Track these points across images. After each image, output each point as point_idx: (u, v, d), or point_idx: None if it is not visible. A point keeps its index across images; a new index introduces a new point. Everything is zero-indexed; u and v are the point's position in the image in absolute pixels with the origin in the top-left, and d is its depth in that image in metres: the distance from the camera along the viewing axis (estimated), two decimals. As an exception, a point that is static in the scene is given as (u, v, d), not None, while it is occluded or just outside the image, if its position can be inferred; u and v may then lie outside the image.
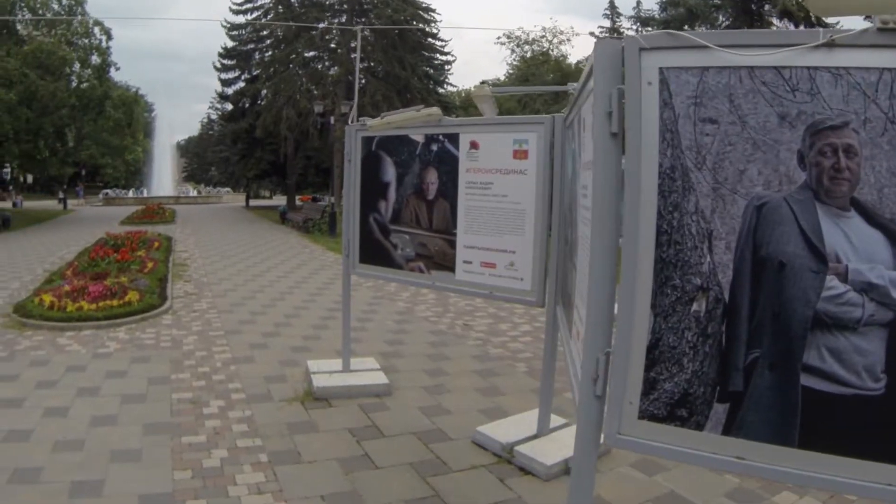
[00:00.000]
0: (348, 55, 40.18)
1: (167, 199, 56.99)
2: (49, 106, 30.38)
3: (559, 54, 55.15)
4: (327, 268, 17.38)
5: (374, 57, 40.35)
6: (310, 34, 40.53)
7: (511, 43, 54.42)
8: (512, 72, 58.16)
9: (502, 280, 5.94)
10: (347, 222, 7.32)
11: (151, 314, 10.79)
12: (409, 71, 41.93)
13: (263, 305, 12.15)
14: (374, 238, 7.06)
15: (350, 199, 7.25)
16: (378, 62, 40.27)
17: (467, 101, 61.90)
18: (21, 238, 24.83)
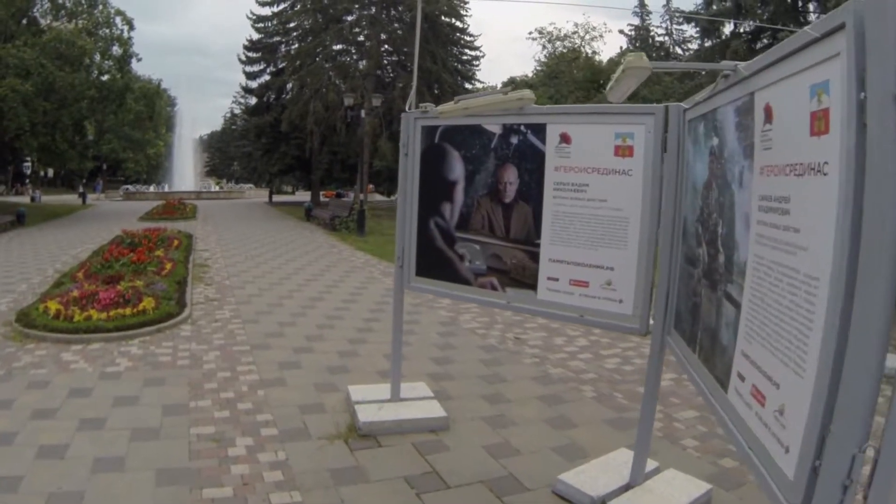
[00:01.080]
0: (378, 48, 39.28)
1: (188, 194, 56.32)
2: (67, 98, 29.70)
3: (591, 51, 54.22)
4: (358, 270, 16.34)
5: (406, 49, 39.26)
6: (338, 26, 39.60)
7: (542, 38, 53.47)
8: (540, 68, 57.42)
9: (596, 302, 4.96)
10: (402, 227, 6.21)
11: (168, 324, 9.77)
12: (439, 65, 40.95)
13: (292, 314, 11.10)
14: (435, 247, 5.96)
15: (406, 199, 6.13)
16: (409, 55, 39.17)
17: None
18: (35, 234, 24.07)
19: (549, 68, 52.95)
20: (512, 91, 4.98)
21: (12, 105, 26.36)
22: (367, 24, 39.85)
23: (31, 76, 27.21)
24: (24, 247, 20.24)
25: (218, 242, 21.60)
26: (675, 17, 47.48)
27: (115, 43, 33.80)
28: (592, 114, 5.14)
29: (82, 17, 32.97)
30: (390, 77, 41.75)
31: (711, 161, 3.59)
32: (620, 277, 4.81)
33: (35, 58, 27.41)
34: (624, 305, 4.82)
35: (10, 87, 25.74)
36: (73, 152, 37.36)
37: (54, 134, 30.99)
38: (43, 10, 32.99)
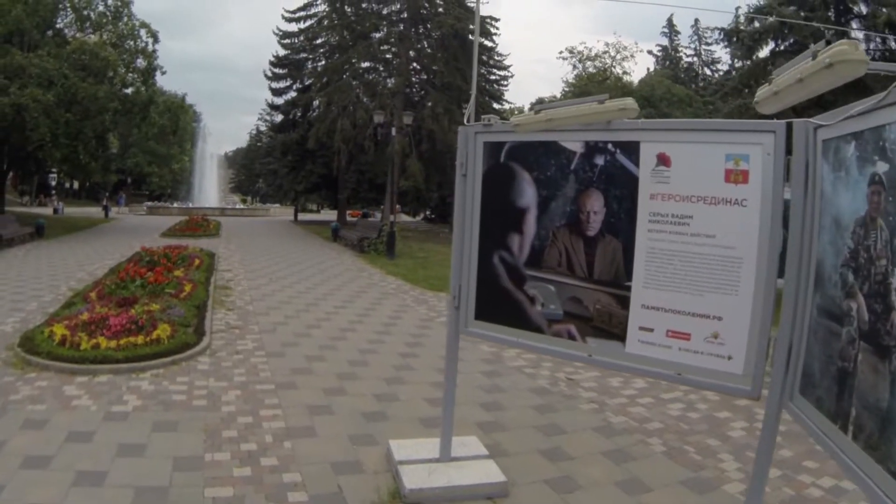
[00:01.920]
0: (407, 65, 38.69)
1: (212, 210, 55.97)
2: (90, 109, 29.34)
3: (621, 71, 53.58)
4: (390, 297, 15.44)
5: (435, 67, 38.66)
6: (365, 43, 39.12)
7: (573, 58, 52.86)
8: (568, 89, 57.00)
9: (699, 358, 4.11)
10: (459, 261, 5.29)
11: (184, 356, 8.93)
12: (470, 83, 40.20)
13: (321, 346, 10.21)
14: (499, 286, 5.05)
15: (465, 229, 5.22)
16: (439, 72, 38.54)
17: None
18: (53, 248, 23.48)
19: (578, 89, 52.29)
20: (611, 99, 4.07)
21: (34, 115, 25.95)
22: (396, 41, 39.27)
23: (53, 86, 26.89)
24: (40, 261, 19.58)
25: (241, 263, 20.81)
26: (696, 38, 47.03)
27: (139, 55, 33.53)
28: (698, 130, 4.24)
29: (107, 28, 32.71)
30: (419, 95, 41.12)
31: (875, 193, 2.70)
32: (730, 329, 3.98)
33: (58, 68, 27.11)
34: (733, 363, 3.99)
35: (31, 97, 25.36)
36: (96, 165, 37.03)
37: (76, 145, 30.64)
38: (67, 21, 32.84)
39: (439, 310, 14.03)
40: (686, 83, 49.89)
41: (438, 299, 15.42)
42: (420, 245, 31.05)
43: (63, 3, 31.49)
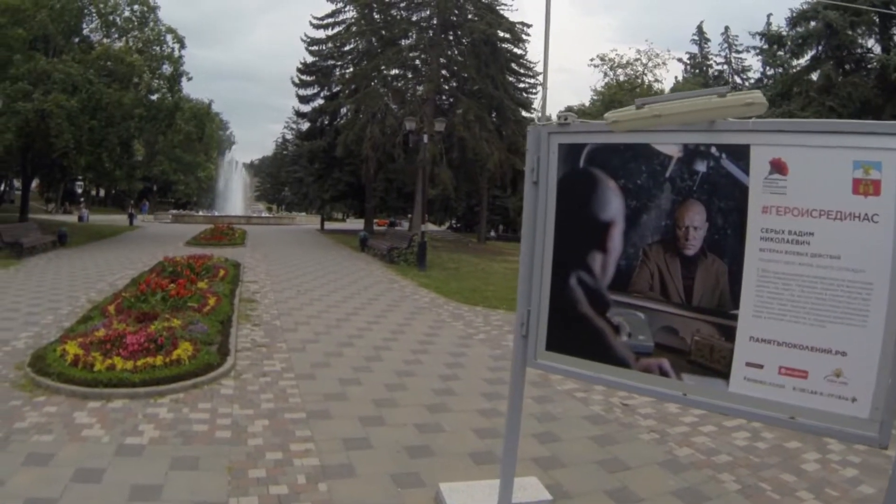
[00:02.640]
0: (437, 71, 38.07)
1: (238, 218, 55.65)
2: (115, 115, 29.18)
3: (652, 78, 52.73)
4: (424, 311, 14.73)
5: (466, 74, 38.03)
6: (394, 49, 38.59)
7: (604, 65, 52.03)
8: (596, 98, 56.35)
9: (817, 399, 3.42)
10: (528, 281, 4.53)
11: (207, 378, 8.26)
12: (501, 90, 39.57)
13: (355, 368, 9.50)
14: (577, 312, 4.29)
15: (536, 245, 4.45)
16: (470, 79, 37.90)
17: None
18: (75, 256, 23.08)
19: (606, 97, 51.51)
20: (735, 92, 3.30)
21: (57, 121, 25.66)
22: (426, 47, 38.68)
23: (77, 92, 26.62)
24: (61, 270, 19.14)
25: (267, 273, 20.20)
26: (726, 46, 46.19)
27: (165, 61, 33.19)
28: (820, 132, 3.45)
29: (133, 34, 32.46)
30: (449, 102, 40.47)
31: None
32: (855, 366, 3.29)
33: (82, 73, 26.82)
34: (857, 406, 3.29)
35: (55, 103, 25.09)
36: (121, 172, 36.84)
37: (100, 152, 30.51)
38: (93, 27, 32.66)
39: (477, 325, 13.32)
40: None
41: (475, 314, 14.70)
42: (450, 255, 30.34)
43: (89, 8, 31.27)
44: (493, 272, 24.50)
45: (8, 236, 21.81)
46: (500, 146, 38.82)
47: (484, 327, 13.16)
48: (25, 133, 27.08)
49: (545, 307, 4.45)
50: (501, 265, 27.79)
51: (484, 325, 13.46)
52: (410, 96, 39.72)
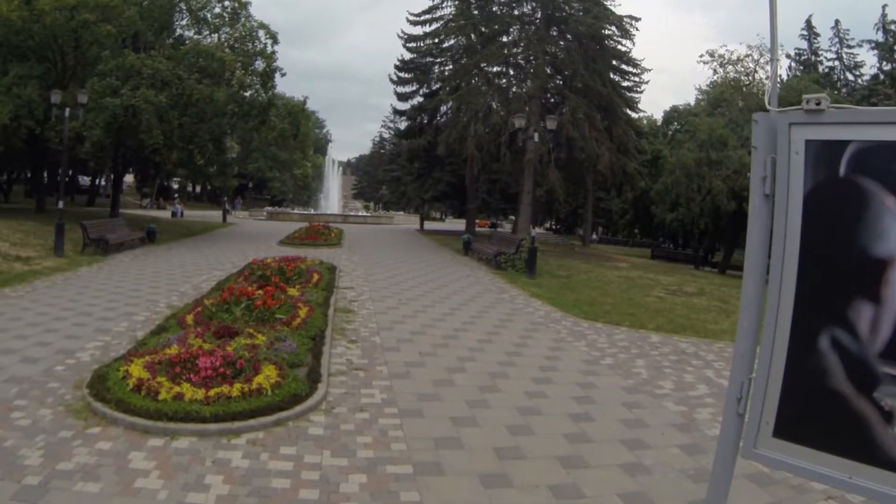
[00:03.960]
0: (542, 67, 36.48)
1: (334, 217, 55.24)
2: (206, 112, 29.08)
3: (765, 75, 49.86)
4: (540, 328, 13.29)
5: (573, 70, 36.34)
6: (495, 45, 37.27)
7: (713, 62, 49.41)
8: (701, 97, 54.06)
9: None
10: (752, 337, 3.03)
11: (292, 413, 7.05)
12: (609, 87, 37.72)
13: (469, 402, 8.14)
14: (827, 387, 2.73)
15: (771, 285, 2.90)
16: (578, 76, 36.18)
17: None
18: (162, 255, 22.68)
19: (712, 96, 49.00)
20: None
21: (146, 116, 25.61)
22: (534, 42, 37.14)
23: (167, 88, 26.56)
24: (145, 269, 18.61)
25: (366, 278, 19.11)
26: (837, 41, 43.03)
27: (258, 57, 32.83)
28: None
29: (224, 30, 32.27)
30: (554, 100, 38.80)
31: None
32: None
33: (171, 69, 26.65)
34: None
35: (143, 98, 24.98)
36: (214, 169, 36.76)
37: (192, 149, 30.65)
38: (184, 24, 32.73)
39: (601, 346, 11.83)
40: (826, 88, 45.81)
41: (596, 331, 13.20)
42: (558, 261, 28.71)
43: (179, 5, 31.26)
44: (608, 281, 22.83)
45: (94, 232, 21.51)
46: (610, 146, 37.07)
47: (609, 349, 11.66)
48: (114, 129, 27.04)
49: (777, 377, 2.92)
50: (614, 273, 26.04)
51: (608, 345, 11.97)
52: (514, 94, 38.26)
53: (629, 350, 11.64)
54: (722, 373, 10.31)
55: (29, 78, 25.29)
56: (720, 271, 39.30)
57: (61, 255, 19.36)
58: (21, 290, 14.23)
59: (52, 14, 24.69)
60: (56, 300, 13.17)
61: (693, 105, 57.18)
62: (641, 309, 16.47)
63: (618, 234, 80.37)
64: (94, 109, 24.73)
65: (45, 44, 27.29)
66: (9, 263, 17.04)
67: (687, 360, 11.16)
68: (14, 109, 24.56)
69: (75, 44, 27.83)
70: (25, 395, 7.53)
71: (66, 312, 12.00)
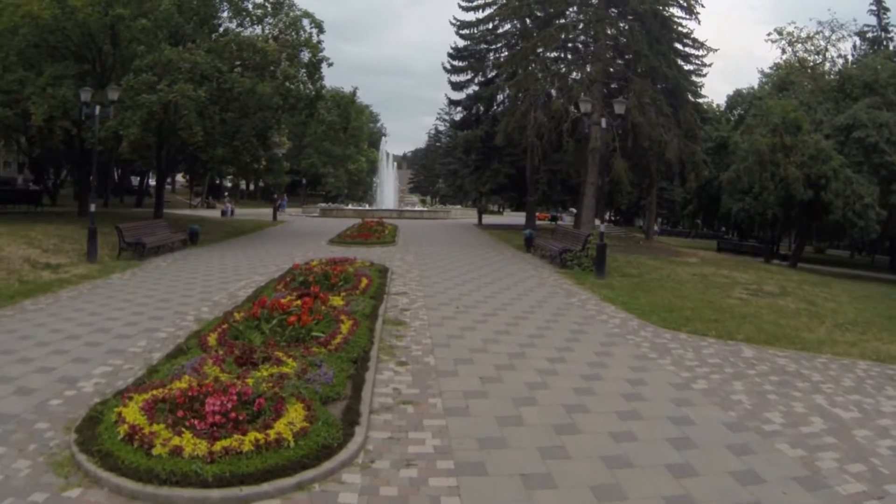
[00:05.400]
0: (604, 49, 34.68)
1: (389, 212, 54.07)
2: (249, 106, 28.23)
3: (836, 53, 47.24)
4: (618, 341, 11.71)
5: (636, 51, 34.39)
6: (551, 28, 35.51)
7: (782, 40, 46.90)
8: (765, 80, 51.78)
9: None
10: None
11: (320, 472, 5.69)
12: (675, 70, 35.66)
13: (543, 450, 6.66)
14: None
15: None
16: (643, 57, 34.19)
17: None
18: (202, 258, 21.73)
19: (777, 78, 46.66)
20: None
21: (184, 112, 24.75)
22: (593, 22, 35.26)
23: (206, 82, 25.77)
24: (180, 275, 17.63)
25: (420, 282, 17.74)
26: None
27: (303, 48, 31.75)
28: None
29: (267, 21, 31.31)
30: (616, 85, 36.81)
31: None
32: None
33: (210, 62, 25.70)
34: None
35: (180, 93, 24.01)
36: (261, 165, 35.99)
37: (236, 145, 29.70)
38: (224, 16, 31.81)
39: (689, 364, 10.22)
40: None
41: (681, 344, 11.58)
42: (625, 257, 26.88)
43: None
44: (681, 280, 21.07)
45: (130, 236, 20.60)
46: (678, 132, 35.06)
47: (700, 368, 10.04)
48: (152, 127, 26.40)
49: None
50: (686, 270, 24.21)
51: (698, 363, 10.34)
52: (573, 81, 36.46)
53: (722, 369, 10.03)
54: (834, 399, 8.75)
55: (64, 78, 24.61)
56: (791, 265, 36.97)
57: (94, 262, 18.46)
58: (42, 301, 13.29)
59: (84, 10, 23.87)
60: (76, 314, 12.14)
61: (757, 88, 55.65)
62: (725, 314, 14.77)
63: (678, 225, 78.19)
64: (130, 107, 23.94)
65: (82, 43, 26.71)
66: (36, 272, 16.16)
67: (790, 382, 9.48)
68: (49, 110, 23.93)
69: (112, 41, 27.15)
70: (6, 439, 6.44)
71: (83, 329, 10.93)
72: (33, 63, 25.55)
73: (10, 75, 24.69)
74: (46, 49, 25.97)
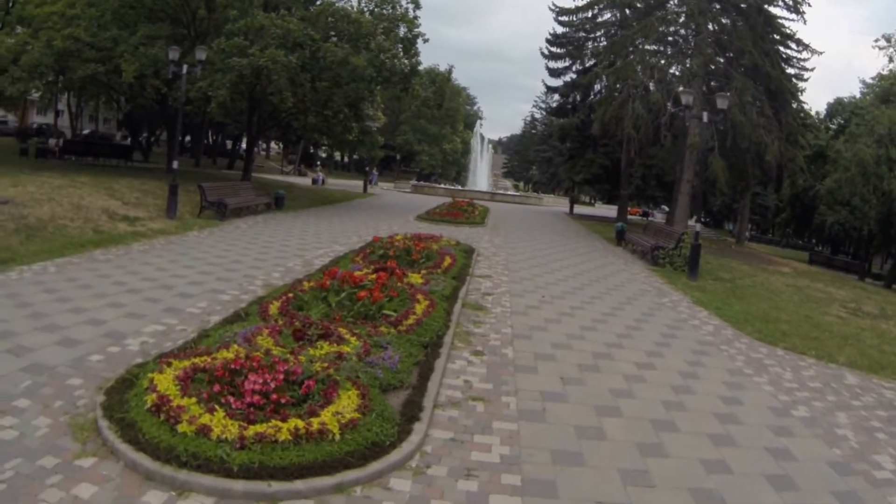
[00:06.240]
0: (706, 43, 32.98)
1: (481, 194, 53.35)
2: (342, 76, 27.87)
3: None
4: (710, 350, 10.55)
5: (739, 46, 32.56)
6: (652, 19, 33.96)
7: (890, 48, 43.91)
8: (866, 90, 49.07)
9: None
10: None
11: (364, 474, 4.91)
12: (778, 70, 33.70)
13: (623, 472, 5.72)
14: None
15: None
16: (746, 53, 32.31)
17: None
18: (284, 223, 21.37)
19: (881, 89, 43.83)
20: None
21: (274, 78, 24.69)
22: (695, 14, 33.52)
23: (298, 49, 25.60)
24: (258, 237, 17.27)
25: (506, 266, 16.85)
26: None
27: (400, 23, 31.26)
28: None
29: (363, -8, 31.11)
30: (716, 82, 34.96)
31: None
32: None
33: (302, 30, 25.58)
34: None
35: (271, 59, 23.85)
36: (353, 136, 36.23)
37: (327, 114, 29.91)
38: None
39: (787, 386, 8.89)
40: None
41: (777, 361, 10.24)
42: (718, 260, 25.39)
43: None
44: (776, 290, 19.57)
45: (213, 195, 20.38)
46: (779, 135, 33.13)
47: (799, 392, 8.72)
48: (242, 90, 26.44)
49: None
50: (780, 280, 22.62)
51: (797, 385, 9.02)
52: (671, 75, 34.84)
53: (824, 395, 8.70)
54: (952, 442, 7.41)
55: (157, 38, 24.81)
56: (886, 285, 34.61)
57: (173, 218, 18.23)
58: (113, 252, 12.99)
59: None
60: (142, 268, 11.73)
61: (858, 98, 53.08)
62: (825, 333, 13.25)
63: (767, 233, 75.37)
64: (220, 70, 23.99)
65: (178, 6, 26.94)
66: (113, 223, 15.95)
67: (900, 418, 8.25)
68: (139, 68, 24.15)
69: (208, 6, 27.28)
70: (34, 393, 5.93)
71: (145, 284, 10.49)
72: (128, 23, 25.84)
73: (104, 33, 24.90)
74: (142, 10, 26.28)
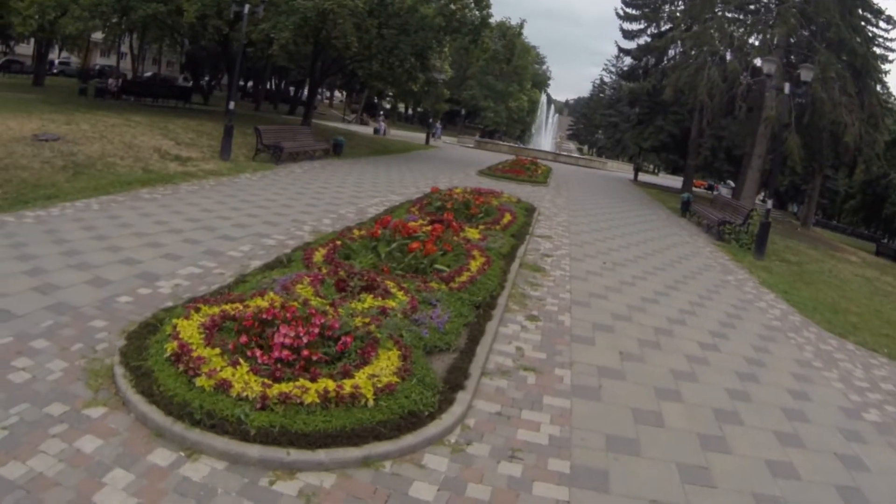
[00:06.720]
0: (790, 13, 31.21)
1: (545, 154, 52.61)
2: (409, 24, 27.41)
3: None
4: (777, 336, 9.73)
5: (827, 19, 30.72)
6: None
7: None
8: None
9: None
10: None
11: (396, 447, 4.41)
12: (864, 47, 31.69)
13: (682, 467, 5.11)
14: None
15: None
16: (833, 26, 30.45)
17: None
18: (341, 170, 20.88)
19: None
20: None
21: (340, 21, 24.21)
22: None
23: None
24: (314, 183, 16.85)
25: (567, 227, 16.19)
26: None
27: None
28: None
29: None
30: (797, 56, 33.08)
31: None
32: None
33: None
34: None
35: (337, 2, 23.26)
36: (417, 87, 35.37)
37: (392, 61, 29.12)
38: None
39: (858, 385, 8.00)
40: None
41: (847, 356, 9.35)
42: (784, 242, 24.24)
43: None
44: (844, 279, 18.43)
45: (269, 138, 20.03)
46: (860, 115, 31.19)
47: (871, 393, 7.86)
48: (305, 33, 25.98)
49: None
50: (848, 269, 21.40)
51: (868, 385, 8.14)
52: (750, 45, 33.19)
53: None
54: None
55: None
56: None
57: (226, 160, 17.87)
58: (160, 191, 12.67)
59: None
60: (187, 208, 11.39)
61: None
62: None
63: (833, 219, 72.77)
64: (284, 12, 23.41)
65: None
66: (164, 163, 15.64)
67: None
68: (201, 8, 23.64)
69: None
70: (53, 333, 5.54)
71: (188, 224, 10.14)
72: None
73: None
74: None
